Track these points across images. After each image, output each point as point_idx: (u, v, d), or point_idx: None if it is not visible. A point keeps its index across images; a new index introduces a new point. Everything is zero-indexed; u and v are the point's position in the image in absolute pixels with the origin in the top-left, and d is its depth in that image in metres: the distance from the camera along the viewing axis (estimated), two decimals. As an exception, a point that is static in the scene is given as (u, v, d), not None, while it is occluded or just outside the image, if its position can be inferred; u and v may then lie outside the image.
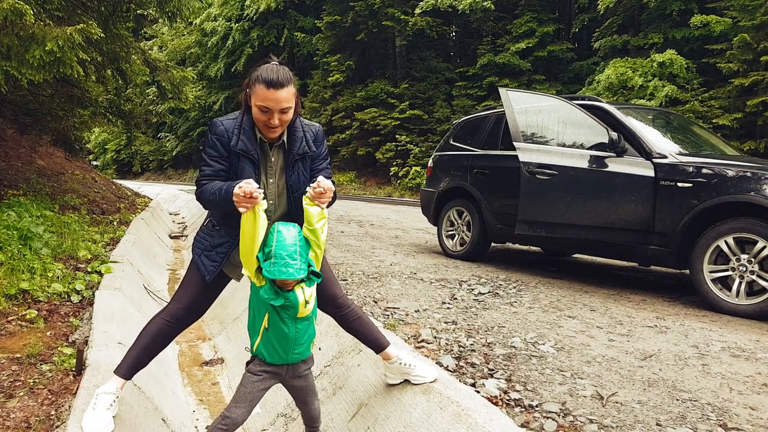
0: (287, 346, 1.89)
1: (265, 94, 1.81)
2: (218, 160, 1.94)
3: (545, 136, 4.48)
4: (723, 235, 3.63)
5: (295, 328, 1.87)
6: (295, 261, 1.77)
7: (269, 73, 1.81)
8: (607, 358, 2.67)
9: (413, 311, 3.44)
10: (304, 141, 2.01)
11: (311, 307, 1.90)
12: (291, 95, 1.85)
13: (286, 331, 1.86)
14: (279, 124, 1.88)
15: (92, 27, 4.37)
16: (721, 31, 14.69)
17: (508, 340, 2.89)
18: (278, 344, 1.89)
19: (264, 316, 1.87)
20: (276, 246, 1.78)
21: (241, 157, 1.92)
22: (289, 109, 1.87)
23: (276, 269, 1.76)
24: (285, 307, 1.82)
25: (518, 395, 2.21)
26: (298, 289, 1.84)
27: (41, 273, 3.97)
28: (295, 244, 1.80)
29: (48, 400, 2.32)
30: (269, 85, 1.80)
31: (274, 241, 1.79)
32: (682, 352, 2.78)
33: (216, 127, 1.94)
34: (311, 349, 2.02)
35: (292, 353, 1.92)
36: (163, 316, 2.07)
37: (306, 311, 1.87)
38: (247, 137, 1.92)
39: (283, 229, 1.82)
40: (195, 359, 3.63)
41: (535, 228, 4.40)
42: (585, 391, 2.27)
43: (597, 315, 3.49)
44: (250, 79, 1.88)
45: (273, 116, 1.85)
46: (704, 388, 2.33)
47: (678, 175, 3.89)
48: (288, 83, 1.83)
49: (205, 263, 2.03)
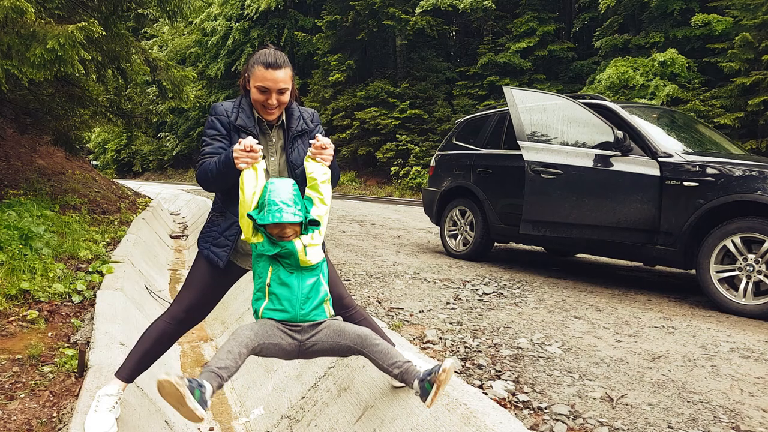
0: (293, 298, 1.74)
1: (263, 75, 1.87)
2: (218, 138, 1.96)
3: (550, 135, 4.45)
4: (730, 235, 3.59)
5: (299, 279, 1.75)
6: (290, 207, 1.73)
7: (267, 55, 1.88)
8: (615, 359, 2.64)
9: (417, 312, 3.41)
10: (301, 119, 2.07)
11: (315, 258, 1.78)
12: (288, 77, 1.91)
13: (291, 282, 1.74)
14: (277, 105, 1.92)
15: (93, 25, 4.34)
16: (723, 30, 14.66)
17: (515, 341, 2.86)
18: (284, 297, 1.74)
19: (267, 272, 1.76)
20: (269, 194, 1.75)
21: (241, 133, 1.95)
22: (286, 90, 1.92)
23: (269, 214, 1.70)
24: (284, 255, 1.73)
25: (527, 397, 2.18)
26: (297, 240, 1.76)
27: (42, 273, 3.94)
28: (288, 191, 1.77)
29: (50, 401, 2.29)
30: (267, 66, 1.87)
31: (267, 191, 1.76)
32: (690, 353, 2.75)
33: (216, 108, 2.00)
34: (327, 313, 1.83)
35: (300, 308, 1.75)
36: (165, 319, 2.04)
37: (307, 260, 1.76)
38: (245, 116, 1.97)
39: (276, 181, 1.81)
40: (197, 360, 3.60)
41: (540, 228, 4.37)
42: (594, 392, 2.24)
43: (603, 315, 3.45)
44: (248, 64, 1.94)
45: (271, 96, 1.89)
46: (715, 389, 2.30)
47: (684, 174, 3.86)
48: (285, 65, 1.90)
49: (216, 251, 2.00)
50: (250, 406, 2.87)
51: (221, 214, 2.04)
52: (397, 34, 23.78)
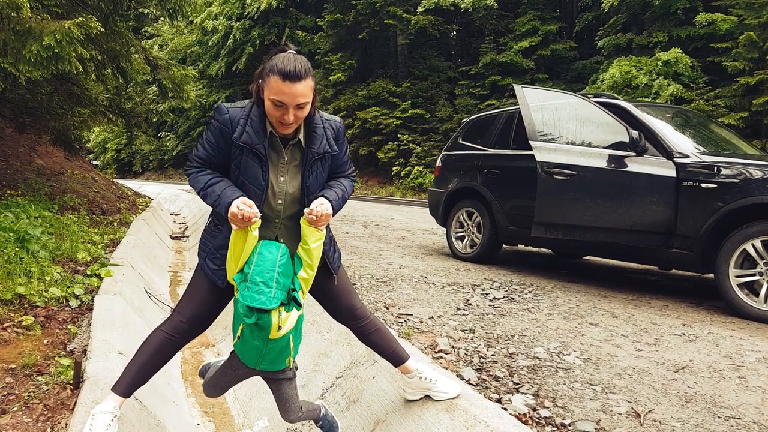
0: (256, 359, 1.80)
1: (280, 87, 1.61)
2: (214, 149, 1.77)
3: (562, 135, 4.32)
4: (750, 238, 3.47)
5: (266, 347, 1.75)
6: (270, 289, 1.66)
7: (286, 63, 1.61)
8: (637, 370, 2.52)
9: (427, 318, 3.29)
10: (324, 139, 1.82)
11: (284, 333, 1.75)
12: (309, 89, 1.65)
13: (256, 345, 1.75)
14: (294, 122, 1.69)
15: (91, 21, 4.21)
16: (727, 29, 14.54)
17: (531, 351, 2.74)
18: (248, 354, 1.81)
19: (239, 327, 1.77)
20: (253, 270, 1.67)
21: (245, 151, 1.73)
22: (306, 104, 1.67)
23: (249, 294, 1.66)
24: (257, 326, 1.70)
25: (548, 412, 2.06)
26: (275, 312, 1.70)
27: (38, 277, 3.81)
28: (272, 269, 1.67)
29: (43, 416, 2.17)
30: (285, 77, 1.60)
31: (253, 264, 1.68)
32: (715, 363, 2.63)
33: (221, 114, 1.74)
34: (287, 363, 1.89)
35: (260, 365, 1.83)
36: (164, 329, 1.89)
37: (278, 335, 1.73)
38: (254, 130, 1.72)
39: (264, 252, 1.70)
40: (198, 367, 3.47)
41: (552, 230, 4.24)
42: (619, 407, 2.11)
43: (620, 322, 3.33)
44: (263, 69, 1.67)
45: (288, 112, 1.65)
46: (745, 403, 2.18)
47: (701, 175, 3.73)
48: (306, 76, 1.63)
49: (212, 268, 1.85)
50: (253, 417, 2.75)
51: (218, 226, 1.88)
52: (398, 33, 23.67)
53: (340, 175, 1.97)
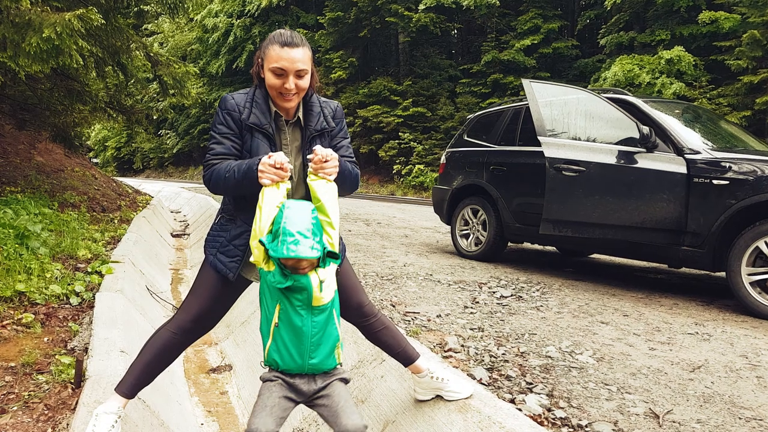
0: (302, 346, 1.60)
1: (279, 54, 1.68)
2: (229, 137, 1.75)
3: (571, 131, 4.25)
4: (763, 236, 3.41)
5: (310, 321, 1.59)
6: (307, 239, 1.52)
7: (282, 35, 1.70)
8: (652, 369, 2.45)
9: (435, 316, 3.23)
10: (321, 116, 1.83)
11: (328, 295, 1.60)
12: (307, 58, 1.72)
13: (300, 324, 1.58)
14: (295, 90, 1.71)
15: (92, 12, 4.14)
16: (730, 27, 14.46)
17: (542, 349, 2.68)
18: (291, 343, 1.60)
19: (275, 310, 1.60)
20: (285, 222, 1.53)
21: (254, 132, 1.75)
22: (305, 72, 1.71)
23: (283, 246, 1.50)
24: (295, 289, 1.56)
25: (564, 413, 2.00)
26: (312, 273, 1.58)
27: (39, 274, 3.75)
28: (306, 219, 1.56)
29: (44, 416, 2.11)
30: (284, 44, 1.68)
31: (284, 218, 1.55)
32: (731, 363, 2.57)
33: (226, 102, 1.79)
34: (337, 359, 1.70)
35: (309, 357, 1.61)
36: (169, 328, 1.83)
37: (321, 298, 1.58)
38: (260, 110, 1.76)
39: (293, 205, 1.59)
40: (201, 366, 3.42)
41: (561, 228, 4.17)
42: (636, 408, 2.05)
43: (631, 321, 3.27)
44: (261, 47, 1.75)
45: (288, 79, 1.69)
46: (765, 404, 2.12)
47: (713, 171, 3.67)
48: (303, 44, 1.71)
49: (224, 261, 1.79)
50: (259, 417, 2.68)
51: (231, 218, 1.83)
52: (399, 31, 23.59)
53: (337, 150, 1.88)
